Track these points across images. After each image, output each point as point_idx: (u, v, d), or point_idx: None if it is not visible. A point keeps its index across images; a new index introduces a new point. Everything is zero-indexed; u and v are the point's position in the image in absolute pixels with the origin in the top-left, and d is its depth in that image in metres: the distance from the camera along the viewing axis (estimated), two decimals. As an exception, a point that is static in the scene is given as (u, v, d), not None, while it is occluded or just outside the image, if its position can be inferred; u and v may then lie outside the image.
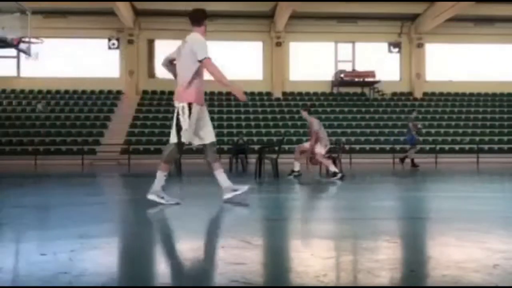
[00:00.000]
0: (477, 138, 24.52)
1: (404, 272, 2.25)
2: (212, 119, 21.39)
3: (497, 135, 25.32)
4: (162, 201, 4.73)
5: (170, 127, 5.03)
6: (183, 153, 5.36)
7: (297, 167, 9.94)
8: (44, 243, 2.85)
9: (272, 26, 27.68)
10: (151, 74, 28.17)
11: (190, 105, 4.80)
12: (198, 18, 5.17)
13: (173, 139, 4.83)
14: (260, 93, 27.98)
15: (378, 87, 28.05)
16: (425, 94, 28.63)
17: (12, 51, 22.08)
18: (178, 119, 4.78)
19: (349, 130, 24.86)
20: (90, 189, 8.13)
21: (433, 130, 25.25)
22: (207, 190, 7.57)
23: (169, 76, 5.29)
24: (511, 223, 3.88)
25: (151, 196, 4.80)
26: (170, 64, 5.16)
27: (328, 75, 28.57)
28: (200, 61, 4.83)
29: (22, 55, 19.44)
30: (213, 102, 26.85)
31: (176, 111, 4.82)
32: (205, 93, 28.82)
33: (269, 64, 28.30)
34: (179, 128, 4.76)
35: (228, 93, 27.52)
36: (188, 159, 17.90)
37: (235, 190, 5.00)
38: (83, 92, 27.03)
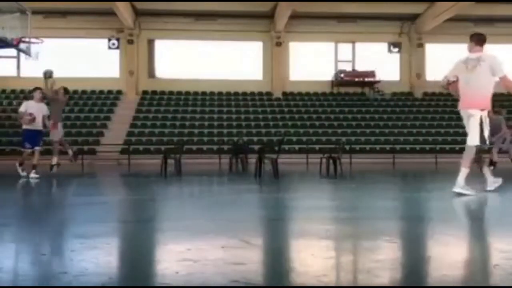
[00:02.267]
0: (477, 138, 24.48)
1: (404, 272, 2.25)
2: (212, 119, 21.55)
3: (497, 135, 25.29)
4: (468, 192, 5.64)
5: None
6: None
7: (54, 161, 10.62)
8: (44, 243, 2.85)
9: (272, 26, 27.66)
10: (151, 74, 28.13)
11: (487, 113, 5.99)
12: (483, 40, 6.16)
13: (473, 141, 5.90)
14: (260, 93, 27.97)
15: (378, 87, 28.04)
16: (425, 94, 28.62)
17: (12, 51, 22.07)
18: (481, 125, 5.84)
19: (349, 130, 24.83)
20: (90, 189, 8.13)
21: (433, 130, 25.24)
22: (207, 190, 7.58)
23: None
24: (511, 223, 3.88)
25: (458, 190, 5.68)
26: (448, 83, 6.36)
27: (328, 75, 28.55)
28: (499, 77, 5.90)
29: (22, 55, 19.41)
30: (213, 102, 26.85)
31: (479, 118, 5.87)
32: (205, 93, 28.64)
33: (269, 64, 28.27)
34: (482, 133, 5.85)
35: (228, 93, 27.54)
36: (186, 159, 17.82)
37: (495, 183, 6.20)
38: (83, 92, 27.01)
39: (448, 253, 2.57)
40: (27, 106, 9.97)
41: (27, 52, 16.48)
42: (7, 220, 4.02)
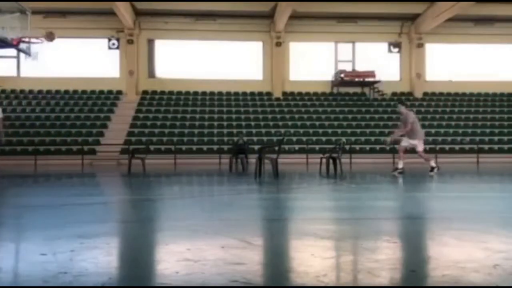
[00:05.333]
0: (477, 138, 24.51)
1: (404, 272, 2.25)
2: (212, 119, 21.67)
3: (497, 135, 25.31)
4: None
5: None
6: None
7: None
8: (44, 243, 2.85)
9: (272, 26, 27.67)
10: (151, 74, 28.14)
11: None
12: None
13: None
14: (260, 93, 27.96)
15: (378, 87, 28.05)
16: (425, 94, 28.61)
17: (12, 51, 22.09)
18: None
19: (349, 130, 24.84)
20: (90, 189, 8.13)
21: (433, 130, 25.23)
22: (207, 190, 7.58)
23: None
24: (511, 223, 3.88)
25: None
26: None
27: (328, 75, 28.54)
28: None
29: (22, 55, 19.43)
30: (213, 102, 26.85)
31: None
32: (205, 93, 28.79)
33: (269, 64, 28.28)
34: None
35: (228, 93, 27.54)
36: (186, 159, 17.87)
37: None
38: (83, 92, 27.01)
39: (448, 253, 2.57)
40: None
41: (27, 52, 16.49)
42: (6, 220, 4.02)
